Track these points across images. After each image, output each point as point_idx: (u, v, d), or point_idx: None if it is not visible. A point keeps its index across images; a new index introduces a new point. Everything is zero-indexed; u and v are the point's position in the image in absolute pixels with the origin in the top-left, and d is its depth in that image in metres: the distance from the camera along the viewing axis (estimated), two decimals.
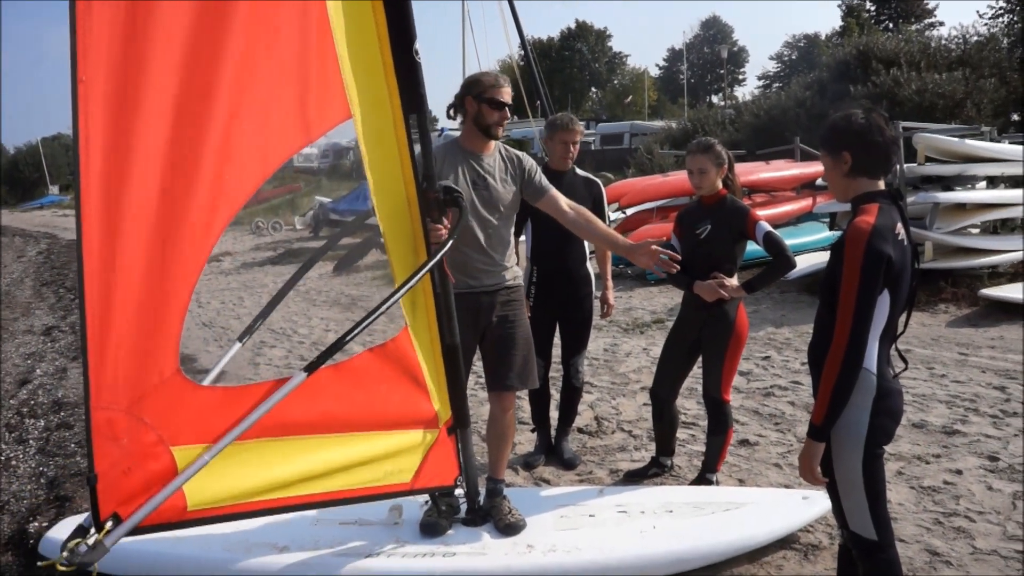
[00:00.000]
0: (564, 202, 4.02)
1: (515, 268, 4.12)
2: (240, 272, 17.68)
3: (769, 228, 4.28)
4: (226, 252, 21.47)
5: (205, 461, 2.88)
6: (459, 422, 3.73)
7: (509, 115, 3.92)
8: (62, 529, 4.17)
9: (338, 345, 3.07)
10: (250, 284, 15.57)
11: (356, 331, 3.06)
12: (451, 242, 3.40)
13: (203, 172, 2.86)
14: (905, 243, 2.68)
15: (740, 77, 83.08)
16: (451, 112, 3.97)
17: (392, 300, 3.11)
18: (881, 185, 2.76)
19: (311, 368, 3.07)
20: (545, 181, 4.05)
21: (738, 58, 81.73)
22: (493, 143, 3.96)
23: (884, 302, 2.67)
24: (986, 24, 21.00)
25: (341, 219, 21.80)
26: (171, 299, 2.92)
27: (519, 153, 4.08)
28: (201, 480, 2.92)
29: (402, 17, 3.27)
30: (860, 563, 2.84)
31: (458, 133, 4.06)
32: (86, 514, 4.30)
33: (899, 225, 2.67)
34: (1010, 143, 11.34)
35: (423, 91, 3.38)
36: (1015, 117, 17.41)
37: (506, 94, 3.87)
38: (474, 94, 3.81)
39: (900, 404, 2.84)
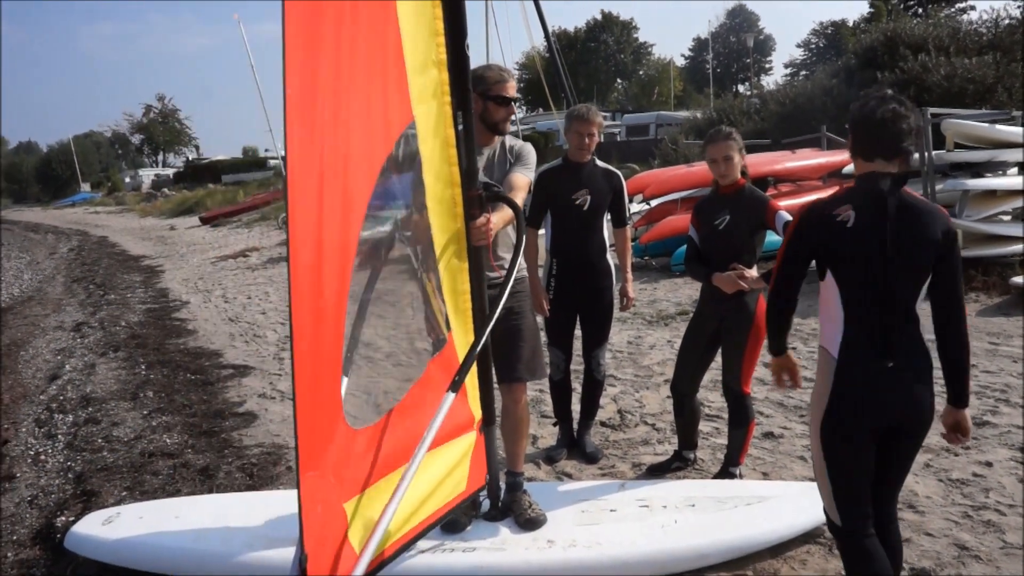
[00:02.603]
0: (516, 195, 3.81)
1: (519, 260, 4.10)
2: (267, 267, 17.78)
3: (789, 217, 4.21)
4: (253, 247, 21.61)
5: (393, 510, 2.60)
6: (488, 420, 3.71)
7: (515, 109, 3.88)
8: (88, 524, 4.22)
9: (471, 358, 3.05)
10: (276, 279, 15.64)
11: (483, 338, 3.14)
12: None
13: (351, 195, 2.66)
14: (854, 228, 2.71)
15: (767, 66, 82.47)
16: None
17: (500, 305, 3.17)
18: (887, 168, 2.75)
19: (455, 387, 2.91)
20: (516, 170, 3.91)
21: (764, 47, 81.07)
22: (496, 137, 3.93)
23: (830, 286, 2.77)
24: (1019, 6, 20.55)
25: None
26: (339, 335, 2.65)
27: (522, 144, 4.03)
28: (357, 531, 2.72)
29: (456, 11, 3.20)
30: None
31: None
32: (110, 509, 4.35)
33: (849, 209, 2.71)
34: None
35: (470, 87, 3.34)
36: None
37: (511, 88, 3.83)
38: (479, 91, 3.73)
39: (869, 394, 2.78)
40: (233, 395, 7.22)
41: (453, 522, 3.86)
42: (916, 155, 2.84)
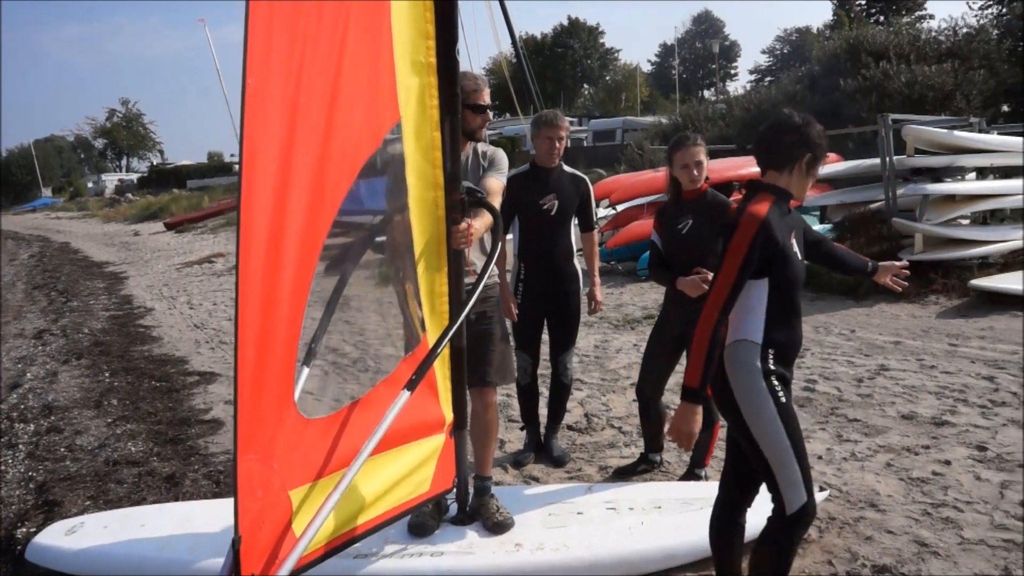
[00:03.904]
0: (492, 200, 3.83)
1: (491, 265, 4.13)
2: (232, 273, 17.63)
3: None
4: (218, 253, 21.44)
5: (335, 501, 2.61)
6: (459, 423, 3.73)
7: (491, 116, 3.91)
8: (50, 534, 4.18)
9: (430, 360, 3.08)
10: None
11: (445, 340, 3.12)
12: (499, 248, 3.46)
13: (323, 189, 2.66)
14: (789, 237, 2.93)
15: (732, 72, 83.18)
16: None
17: (465, 311, 3.19)
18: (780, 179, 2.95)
19: (412, 385, 2.94)
20: (490, 175, 3.94)
21: (730, 53, 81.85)
22: (469, 143, 3.95)
23: (762, 286, 2.89)
24: (975, 16, 20.93)
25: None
26: (295, 326, 2.66)
27: (495, 150, 4.06)
28: (303, 520, 2.71)
29: (448, 16, 3.21)
30: (781, 538, 2.93)
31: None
32: (74, 519, 4.31)
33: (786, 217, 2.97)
34: (999, 134, 11.35)
35: (459, 92, 3.35)
36: (1004, 108, 17.41)
37: (486, 96, 3.86)
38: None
39: (790, 374, 3.00)
40: (199, 402, 7.16)
41: (421, 526, 3.87)
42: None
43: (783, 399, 2.87)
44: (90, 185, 72.25)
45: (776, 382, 2.87)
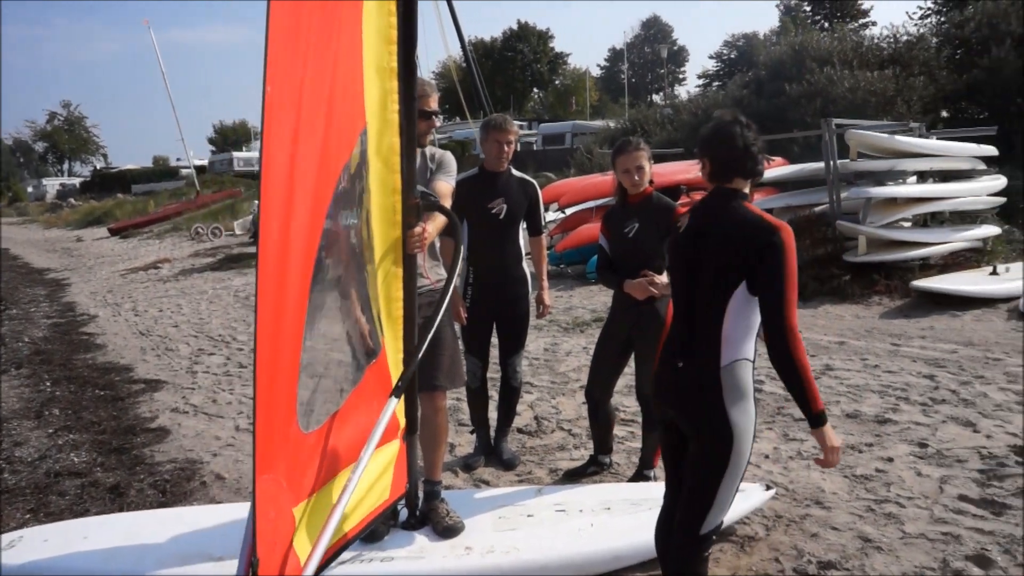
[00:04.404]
0: (442, 200, 3.88)
1: (439, 269, 4.13)
2: (179, 279, 17.38)
3: None
4: (165, 259, 21.11)
5: (338, 517, 2.57)
6: (411, 428, 3.70)
7: (436, 122, 3.91)
8: None
9: (412, 364, 3.15)
10: (189, 291, 15.30)
11: (424, 344, 3.16)
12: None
13: (317, 202, 2.60)
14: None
15: (681, 76, 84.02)
16: None
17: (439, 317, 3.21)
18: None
19: (398, 392, 2.92)
20: (439, 178, 3.96)
21: (678, 57, 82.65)
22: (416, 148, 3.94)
23: (748, 296, 2.82)
24: (916, 24, 21.43)
25: None
26: (298, 339, 2.60)
27: (442, 153, 4.06)
28: (301, 537, 2.64)
29: (410, 19, 3.15)
30: (696, 558, 2.88)
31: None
32: (12, 533, 4.20)
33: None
34: (938, 139, 11.62)
35: (415, 97, 3.32)
36: (943, 114, 17.83)
37: (434, 102, 3.86)
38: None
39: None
40: (144, 410, 7.04)
41: (371, 532, 3.84)
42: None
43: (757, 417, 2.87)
44: (30, 190, 70.57)
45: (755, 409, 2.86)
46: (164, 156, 79.09)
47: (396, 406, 3.54)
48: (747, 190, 2.91)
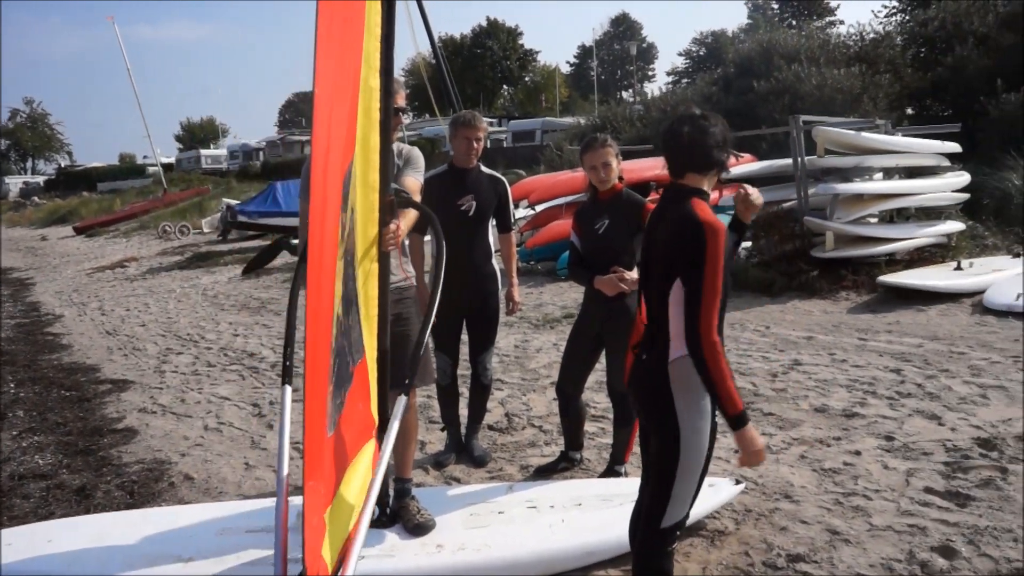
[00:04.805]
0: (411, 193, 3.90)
1: (407, 266, 4.12)
2: (146, 278, 17.19)
3: None
4: (131, 258, 20.88)
5: (368, 519, 2.55)
6: (382, 426, 3.68)
7: (403, 119, 3.90)
8: None
9: (416, 358, 3.26)
10: (156, 290, 15.15)
11: (423, 340, 3.21)
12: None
13: (337, 202, 2.58)
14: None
15: (650, 73, 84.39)
16: None
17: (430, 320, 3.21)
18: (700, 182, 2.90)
19: (407, 388, 2.98)
20: (407, 173, 3.96)
21: (647, 55, 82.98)
22: None
23: None
24: (881, 22, 21.65)
25: (249, 221, 21.34)
26: (329, 338, 2.56)
27: (410, 148, 4.05)
28: (328, 544, 2.58)
29: (390, 14, 3.12)
30: (658, 553, 2.91)
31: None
32: None
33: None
34: (904, 136, 11.75)
35: (392, 92, 3.30)
36: (909, 111, 18.03)
37: (401, 99, 3.84)
38: None
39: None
40: (112, 411, 6.96)
41: None
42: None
43: (716, 418, 2.85)
44: None
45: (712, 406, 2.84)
46: (130, 154, 78.02)
47: (372, 405, 3.54)
48: (706, 186, 2.90)
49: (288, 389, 3.04)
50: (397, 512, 3.96)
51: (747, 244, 11.08)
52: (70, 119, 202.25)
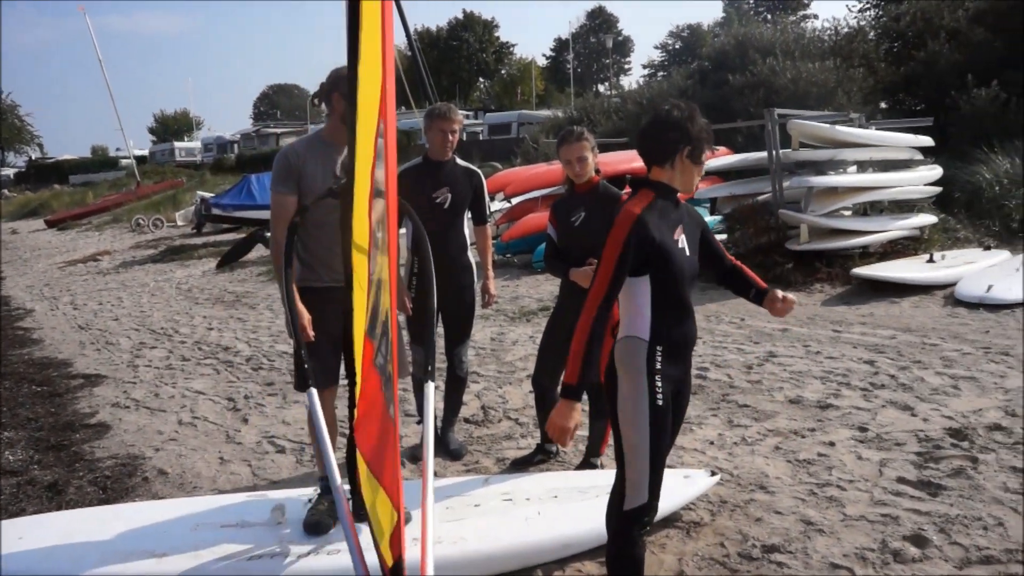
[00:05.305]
0: None
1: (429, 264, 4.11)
2: (119, 271, 17.02)
3: None
4: (104, 251, 20.67)
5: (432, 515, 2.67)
6: (351, 416, 3.66)
7: None
8: None
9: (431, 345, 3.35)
10: (130, 283, 15.01)
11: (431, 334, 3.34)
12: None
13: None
14: (676, 234, 2.98)
15: (626, 66, 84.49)
16: (315, 101, 3.92)
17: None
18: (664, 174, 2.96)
19: (432, 375, 3.08)
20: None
21: (624, 48, 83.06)
22: None
23: (643, 283, 2.93)
24: (855, 17, 21.78)
25: (224, 214, 21.18)
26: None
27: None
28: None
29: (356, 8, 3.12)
30: (623, 535, 2.98)
31: None
32: None
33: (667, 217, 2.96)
34: (877, 129, 11.85)
35: (356, 86, 3.26)
36: (882, 105, 18.17)
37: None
38: (342, 92, 3.69)
39: (681, 373, 3.09)
40: (84, 406, 6.89)
41: (317, 524, 3.80)
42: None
43: (660, 401, 2.87)
44: None
45: (659, 382, 2.87)
46: (103, 146, 77.37)
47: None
48: (673, 179, 2.94)
49: (314, 392, 3.11)
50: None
51: (722, 237, 11.15)
52: (41, 111, 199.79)
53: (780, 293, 3.17)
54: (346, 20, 3.12)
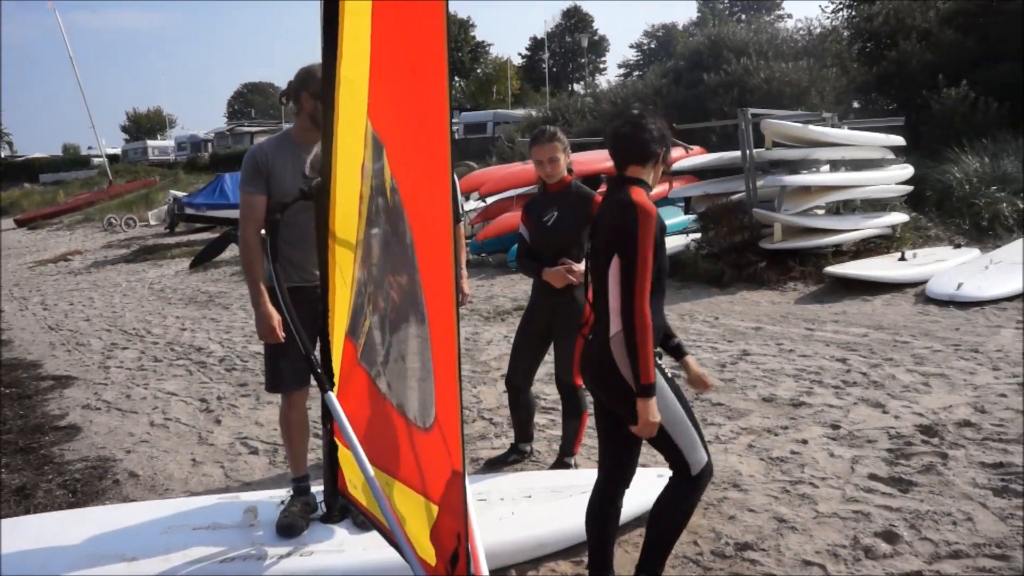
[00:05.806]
0: None
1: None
2: (91, 271, 16.85)
3: None
4: (75, 251, 20.46)
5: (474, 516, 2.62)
6: (326, 419, 3.64)
7: None
8: None
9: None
10: (101, 284, 14.85)
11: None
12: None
13: None
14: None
15: (601, 66, 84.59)
16: (283, 100, 3.89)
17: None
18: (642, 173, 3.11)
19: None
20: None
21: (599, 47, 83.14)
22: None
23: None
24: (828, 17, 21.97)
25: (197, 213, 21.01)
26: None
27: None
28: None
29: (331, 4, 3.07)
30: (688, 496, 3.17)
31: None
32: None
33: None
34: (850, 129, 11.95)
35: (336, 86, 3.23)
36: (855, 104, 18.34)
37: None
38: (311, 91, 3.66)
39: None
40: (54, 408, 6.81)
41: (290, 526, 3.78)
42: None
43: (670, 374, 3.12)
44: None
45: (659, 362, 3.05)
46: (74, 144, 76.46)
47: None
48: (649, 178, 3.11)
49: (332, 395, 3.08)
50: (346, 507, 3.92)
51: (696, 235, 11.20)
52: (10, 108, 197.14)
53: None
54: (321, 19, 3.11)
